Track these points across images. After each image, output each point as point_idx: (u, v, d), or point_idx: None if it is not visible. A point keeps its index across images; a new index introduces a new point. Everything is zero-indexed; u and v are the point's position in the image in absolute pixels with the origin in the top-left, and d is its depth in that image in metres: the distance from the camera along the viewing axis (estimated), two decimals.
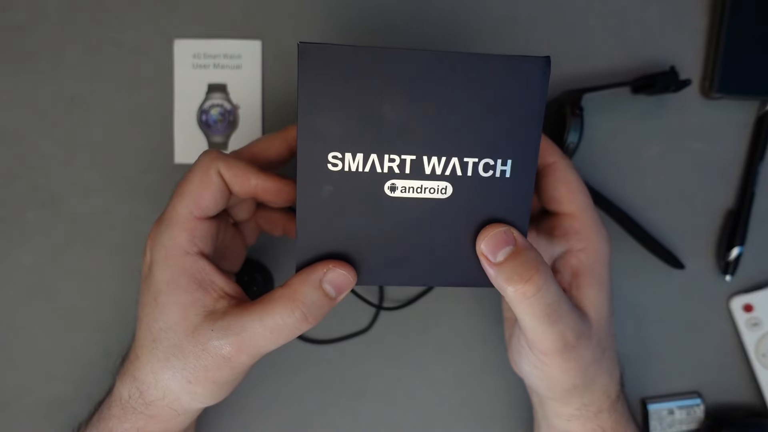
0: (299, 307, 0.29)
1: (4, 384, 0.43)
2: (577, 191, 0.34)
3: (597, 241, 0.34)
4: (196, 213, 0.31)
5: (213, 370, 0.30)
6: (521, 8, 0.44)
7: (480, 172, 0.28)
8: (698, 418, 0.45)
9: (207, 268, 0.31)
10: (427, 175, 0.28)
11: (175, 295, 0.30)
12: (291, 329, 0.29)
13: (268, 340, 0.29)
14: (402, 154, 0.28)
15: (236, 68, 0.43)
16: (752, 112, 0.45)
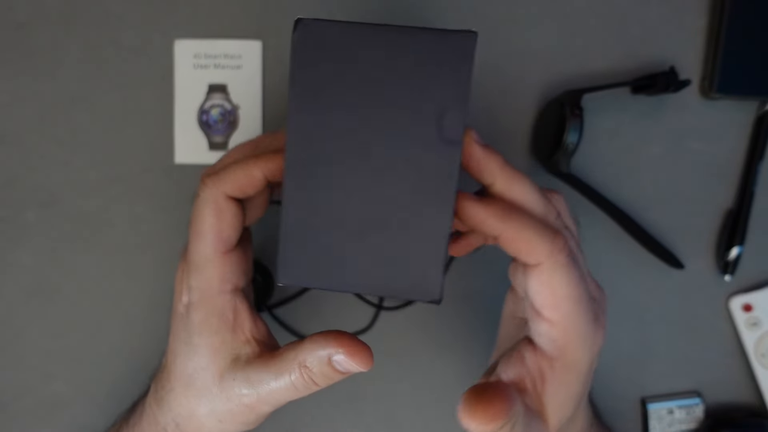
0: (308, 373, 0.29)
1: (4, 384, 0.43)
2: (563, 299, 0.27)
3: (575, 355, 0.28)
4: (221, 249, 0.30)
5: (239, 415, 0.30)
6: (521, 8, 0.44)
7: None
8: (698, 418, 0.45)
9: (239, 306, 0.30)
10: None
11: (207, 336, 0.30)
12: (303, 390, 0.29)
13: (284, 396, 0.30)
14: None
15: (236, 68, 0.43)
16: (752, 112, 0.45)
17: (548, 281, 0.27)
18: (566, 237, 0.27)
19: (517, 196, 0.28)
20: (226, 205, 0.29)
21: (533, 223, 0.27)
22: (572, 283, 0.27)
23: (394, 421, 0.45)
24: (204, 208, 0.29)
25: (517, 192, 0.28)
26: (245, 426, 0.32)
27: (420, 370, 0.45)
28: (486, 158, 0.28)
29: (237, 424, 0.31)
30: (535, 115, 0.44)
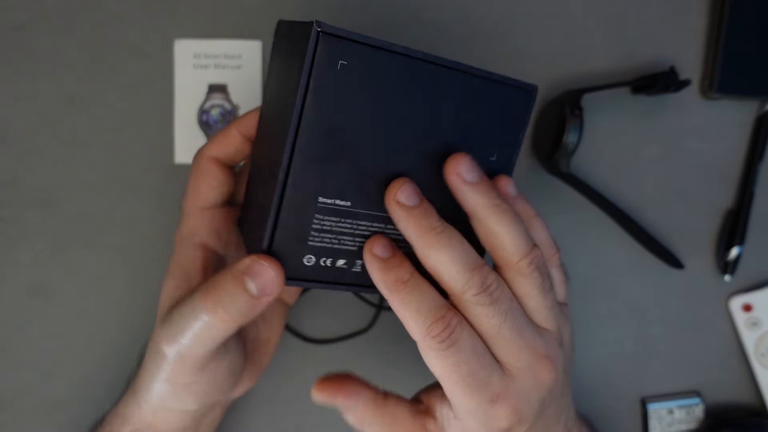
0: (212, 297, 0.27)
1: (4, 384, 0.43)
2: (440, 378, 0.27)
3: (466, 424, 0.28)
4: (198, 203, 0.32)
5: (163, 368, 0.30)
6: (521, 8, 0.44)
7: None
8: (698, 418, 0.45)
9: (196, 259, 0.32)
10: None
11: (167, 280, 0.32)
12: (206, 326, 0.27)
13: (190, 338, 0.28)
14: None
15: (236, 68, 0.43)
16: (752, 112, 0.45)
17: (426, 360, 0.27)
18: (449, 320, 0.26)
19: (432, 264, 0.26)
20: (207, 165, 0.32)
21: (415, 305, 0.26)
22: (445, 368, 0.26)
23: None
24: (191, 170, 0.33)
25: (432, 261, 0.26)
26: (170, 387, 0.30)
27: (420, 370, 0.45)
28: (406, 219, 0.26)
29: (161, 378, 0.30)
30: (535, 115, 0.44)
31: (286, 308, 0.39)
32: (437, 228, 0.26)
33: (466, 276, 0.26)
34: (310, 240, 0.27)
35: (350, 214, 0.27)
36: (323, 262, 0.28)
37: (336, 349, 0.45)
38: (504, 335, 0.27)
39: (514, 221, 0.27)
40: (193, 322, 0.28)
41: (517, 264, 0.27)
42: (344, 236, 0.28)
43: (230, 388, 0.34)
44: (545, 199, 0.45)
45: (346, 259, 0.28)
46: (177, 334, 0.28)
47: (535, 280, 0.28)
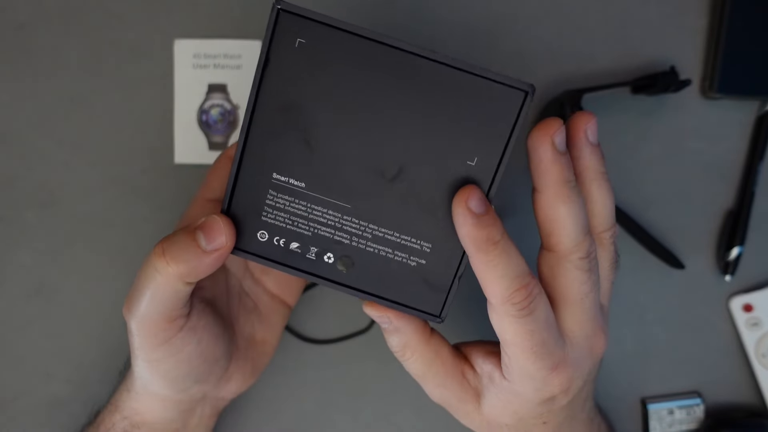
0: (161, 242, 0.27)
1: (4, 384, 0.43)
2: (507, 343, 0.27)
3: (519, 387, 0.29)
4: (207, 194, 0.34)
5: (132, 342, 0.30)
6: (521, 8, 0.44)
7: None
8: (698, 418, 0.45)
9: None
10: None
11: None
12: (153, 273, 0.27)
13: (141, 295, 0.28)
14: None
15: (236, 68, 0.43)
16: (752, 112, 0.45)
17: (497, 323, 0.27)
18: (532, 289, 0.26)
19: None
20: (224, 163, 0.34)
21: (501, 270, 0.25)
22: (518, 334, 0.26)
23: (394, 421, 0.45)
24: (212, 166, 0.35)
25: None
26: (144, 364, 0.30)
27: None
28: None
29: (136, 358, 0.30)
30: (535, 115, 0.44)
31: (287, 310, 0.38)
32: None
33: (581, 238, 0.26)
34: (263, 215, 0.27)
35: (304, 197, 0.27)
36: (276, 241, 0.28)
37: (336, 349, 0.45)
38: (585, 304, 0.27)
39: (610, 191, 0.28)
40: (144, 278, 0.27)
41: (600, 234, 0.28)
42: (298, 218, 0.27)
43: (213, 380, 0.34)
44: None
45: (299, 242, 0.28)
46: (133, 293, 0.28)
47: (610, 253, 0.29)
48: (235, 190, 0.27)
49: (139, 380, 0.32)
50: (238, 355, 0.35)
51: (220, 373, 0.34)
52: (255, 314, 0.37)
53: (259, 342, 0.37)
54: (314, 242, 0.28)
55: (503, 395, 0.29)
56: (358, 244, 0.28)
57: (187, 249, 0.26)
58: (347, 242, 0.28)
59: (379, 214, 0.27)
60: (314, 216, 0.27)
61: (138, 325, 0.29)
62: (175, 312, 0.29)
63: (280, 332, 0.38)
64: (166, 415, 0.34)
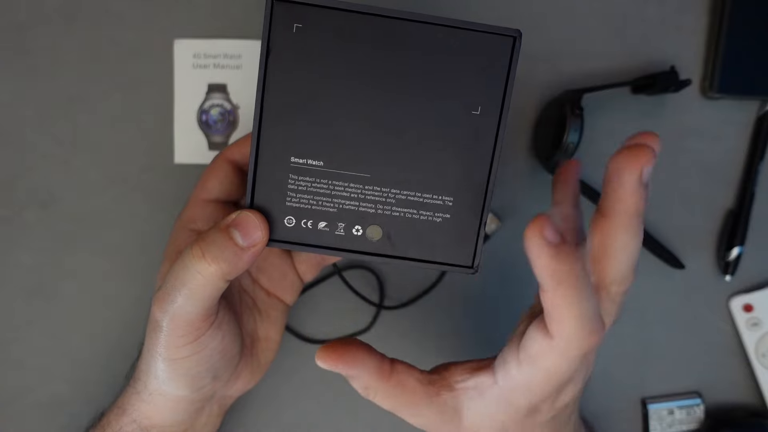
0: (199, 244, 0.27)
1: (4, 384, 0.43)
2: (542, 381, 0.27)
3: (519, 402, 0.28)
4: (203, 195, 0.34)
5: (155, 341, 0.30)
6: (521, 8, 0.44)
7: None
8: (698, 418, 0.45)
9: (188, 242, 0.32)
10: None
11: (163, 263, 0.34)
12: (194, 275, 0.27)
13: (179, 294, 0.28)
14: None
15: (236, 68, 0.43)
16: (752, 112, 0.45)
17: (542, 350, 0.26)
18: (598, 337, 0.25)
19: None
20: (221, 163, 0.34)
21: (578, 309, 0.24)
22: (558, 367, 0.26)
23: (394, 421, 0.45)
24: (208, 166, 0.35)
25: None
26: (163, 363, 0.30)
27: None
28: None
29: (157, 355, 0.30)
30: (535, 115, 0.44)
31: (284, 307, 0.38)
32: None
33: (628, 272, 0.26)
34: (288, 200, 0.28)
35: (324, 174, 0.28)
36: (304, 224, 0.28)
37: None
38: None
39: (638, 245, 0.26)
40: (183, 274, 0.28)
41: (623, 281, 0.27)
42: (321, 197, 0.28)
43: (225, 377, 0.34)
44: (545, 199, 0.45)
45: (326, 221, 0.28)
46: (168, 292, 0.28)
47: (621, 304, 0.28)
48: (256, 182, 0.28)
49: (154, 381, 0.32)
50: (245, 351, 0.35)
51: (233, 369, 0.34)
52: (255, 311, 0.37)
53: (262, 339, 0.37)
54: (341, 217, 0.28)
55: (491, 407, 0.29)
56: (383, 210, 0.28)
57: (225, 248, 0.27)
58: (373, 211, 0.28)
59: (398, 177, 0.28)
60: (337, 192, 0.28)
61: (172, 323, 0.29)
62: (212, 309, 0.29)
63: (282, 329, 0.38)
64: (176, 417, 0.34)
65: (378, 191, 0.28)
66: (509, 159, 0.44)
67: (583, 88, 0.42)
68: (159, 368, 0.31)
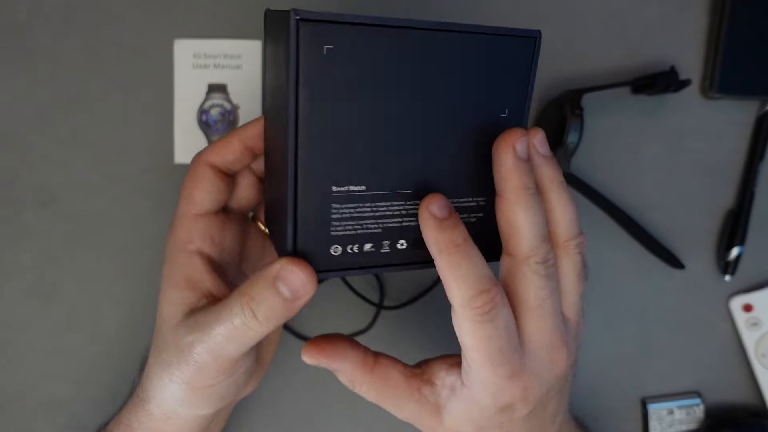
0: (248, 303, 0.27)
1: (4, 384, 0.43)
2: (467, 348, 0.28)
3: (477, 395, 0.29)
4: (192, 210, 0.32)
5: (185, 370, 0.29)
6: (521, 8, 0.44)
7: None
8: (698, 418, 0.45)
9: (200, 266, 0.31)
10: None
11: (169, 291, 0.31)
12: (245, 329, 0.27)
13: (226, 340, 0.28)
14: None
15: (236, 68, 0.43)
16: (752, 112, 0.45)
17: (458, 326, 0.27)
18: (494, 296, 0.26)
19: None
20: (203, 171, 0.32)
21: (463, 272, 0.26)
22: (477, 339, 0.27)
23: (394, 422, 0.45)
24: (186, 174, 0.32)
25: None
26: (191, 391, 0.30)
27: None
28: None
29: (183, 383, 0.30)
30: (535, 115, 0.44)
31: None
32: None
33: (537, 242, 0.27)
34: (332, 231, 0.27)
35: (367, 198, 0.27)
36: (350, 249, 0.28)
37: None
38: (543, 310, 0.28)
39: (570, 200, 0.28)
40: (230, 325, 0.28)
41: (565, 243, 0.28)
42: (365, 221, 0.27)
43: (243, 390, 0.34)
44: None
45: (372, 242, 0.28)
46: (211, 336, 0.28)
47: (577, 264, 0.29)
48: (297, 225, 0.26)
49: (171, 404, 0.31)
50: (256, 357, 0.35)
51: (250, 379, 0.34)
52: None
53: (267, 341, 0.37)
54: (385, 236, 0.28)
55: (463, 404, 0.29)
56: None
57: (276, 306, 0.27)
58: (415, 224, 0.28)
59: (437, 186, 0.28)
60: (380, 212, 0.28)
61: (210, 359, 0.29)
62: (251, 347, 0.29)
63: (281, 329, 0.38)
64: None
65: (419, 204, 0.28)
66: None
67: (583, 88, 0.42)
68: (179, 394, 0.30)
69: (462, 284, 0.26)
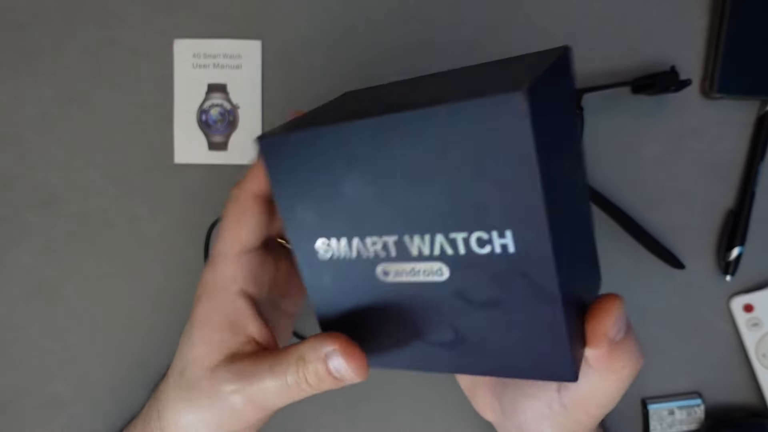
0: (302, 368, 0.27)
1: (4, 384, 0.43)
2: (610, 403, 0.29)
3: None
4: (237, 248, 0.30)
5: (222, 417, 0.29)
6: (521, 8, 0.44)
7: (474, 248, 0.23)
8: (698, 418, 0.45)
9: (243, 309, 0.30)
10: (414, 257, 0.24)
11: (205, 331, 0.30)
12: (295, 390, 0.28)
13: (275, 395, 0.28)
14: (382, 235, 0.24)
15: (236, 68, 0.43)
16: (752, 112, 0.45)
17: (612, 389, 0.28)
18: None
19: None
20: (248, 205, 0.29)
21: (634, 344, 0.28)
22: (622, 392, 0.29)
23: (394, 422, 0.45)
24: (228, 207, 0.30)
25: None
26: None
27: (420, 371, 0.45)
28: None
29: (217, 428, 0.30)
30: None
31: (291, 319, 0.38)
32: None
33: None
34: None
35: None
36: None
37: None
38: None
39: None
40: (283, 382, 0.28)
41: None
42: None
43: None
44: None
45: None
46: (260, 389, 0.28)
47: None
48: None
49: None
50: None
51: None
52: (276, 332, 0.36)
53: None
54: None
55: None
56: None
57: (325, 380, 0.27)
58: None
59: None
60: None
61: (258, 412, 0.29)
62: None
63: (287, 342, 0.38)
64: None
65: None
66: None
67: (583, 88, 0.42)
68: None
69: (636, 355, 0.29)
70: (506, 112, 0.20)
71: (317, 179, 0.25)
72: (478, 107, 0.20)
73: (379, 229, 0.24)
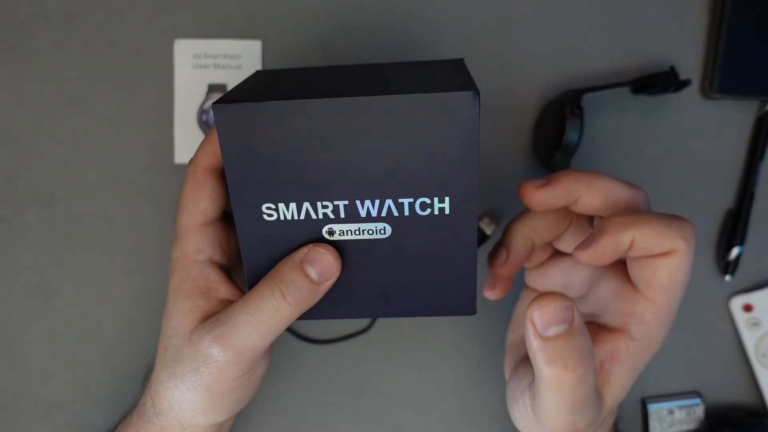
0: (277, 284, 0.28)
1: (4, 384, 0.43)
2: (679, 283, 0.28)
3: (659, 339, 0.30)
4: (198, 220, 0.31)
5: (204, 375, 0.29)
6: (521, 8, 0.44)
7: (417, 210, 0.28)
8: (698, 418, 0.45)
9: (213, 275, 0.31)
10: (363, 218, 0.28)
11: (178, 301, 0.31)
12: (273, 312, 0.28)
13: (253, 328, 0.28)
14: (334, 200, 0.27)
15: (236, 68, 0.43)
16: (752, 112, 0.45)
17: (675, 266, 0.27)
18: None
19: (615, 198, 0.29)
20: (204, 178, 0.31)
21: (656, 216, 0.27)
22: (689, 268, 0.28)
23: (394, 421, 0.45)
24: (185, 184, 0.31)
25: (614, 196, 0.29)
26: (210, 397, 0.30)
27: (419, 370, 0.45)
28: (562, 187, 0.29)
29: (202, 390, 0.30)
30: (535, 115, 0.44)
31: None
32: None
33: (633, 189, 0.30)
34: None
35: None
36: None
37: (336, 349, 0.45)
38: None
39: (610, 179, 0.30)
40: (260, 313, 0.28)
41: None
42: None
43: (254, 393, 0.34)
44: None
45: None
46: (236, 328, 0.28)
47: None
48: None
49: (188, 414, 0.31)
50: None
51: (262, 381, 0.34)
52: None
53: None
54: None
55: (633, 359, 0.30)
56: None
57: (303, 287, 0.28)
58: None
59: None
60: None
61: (237, 358, 0.29)
62: (274, 339, 0.30)
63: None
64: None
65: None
66: (509, 159, 0.44)
67: (583, 88, 0.42)
68: (198, 401, 0.30)
69: (670, 224, 0.27)
70: (462, 105, 0.25)
71: (274, 149, 0.26)
72: (440, 99, 0.25)
73: (332, 195, 0.27)
